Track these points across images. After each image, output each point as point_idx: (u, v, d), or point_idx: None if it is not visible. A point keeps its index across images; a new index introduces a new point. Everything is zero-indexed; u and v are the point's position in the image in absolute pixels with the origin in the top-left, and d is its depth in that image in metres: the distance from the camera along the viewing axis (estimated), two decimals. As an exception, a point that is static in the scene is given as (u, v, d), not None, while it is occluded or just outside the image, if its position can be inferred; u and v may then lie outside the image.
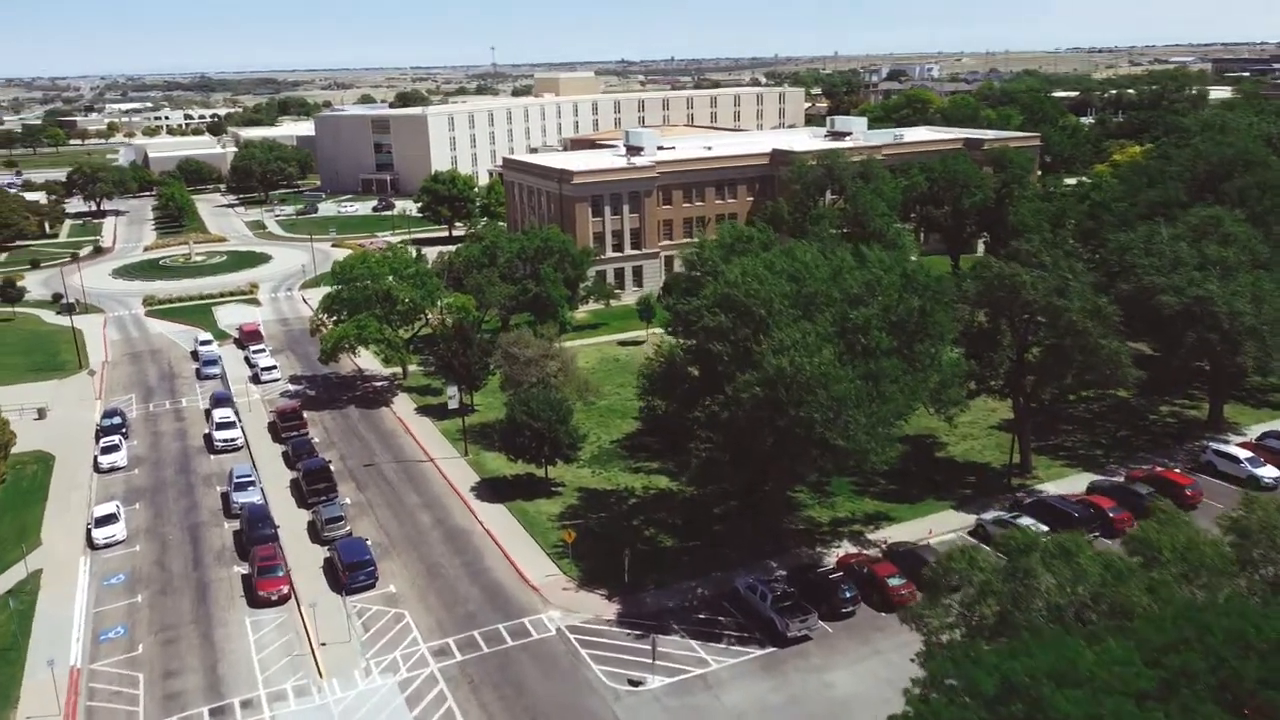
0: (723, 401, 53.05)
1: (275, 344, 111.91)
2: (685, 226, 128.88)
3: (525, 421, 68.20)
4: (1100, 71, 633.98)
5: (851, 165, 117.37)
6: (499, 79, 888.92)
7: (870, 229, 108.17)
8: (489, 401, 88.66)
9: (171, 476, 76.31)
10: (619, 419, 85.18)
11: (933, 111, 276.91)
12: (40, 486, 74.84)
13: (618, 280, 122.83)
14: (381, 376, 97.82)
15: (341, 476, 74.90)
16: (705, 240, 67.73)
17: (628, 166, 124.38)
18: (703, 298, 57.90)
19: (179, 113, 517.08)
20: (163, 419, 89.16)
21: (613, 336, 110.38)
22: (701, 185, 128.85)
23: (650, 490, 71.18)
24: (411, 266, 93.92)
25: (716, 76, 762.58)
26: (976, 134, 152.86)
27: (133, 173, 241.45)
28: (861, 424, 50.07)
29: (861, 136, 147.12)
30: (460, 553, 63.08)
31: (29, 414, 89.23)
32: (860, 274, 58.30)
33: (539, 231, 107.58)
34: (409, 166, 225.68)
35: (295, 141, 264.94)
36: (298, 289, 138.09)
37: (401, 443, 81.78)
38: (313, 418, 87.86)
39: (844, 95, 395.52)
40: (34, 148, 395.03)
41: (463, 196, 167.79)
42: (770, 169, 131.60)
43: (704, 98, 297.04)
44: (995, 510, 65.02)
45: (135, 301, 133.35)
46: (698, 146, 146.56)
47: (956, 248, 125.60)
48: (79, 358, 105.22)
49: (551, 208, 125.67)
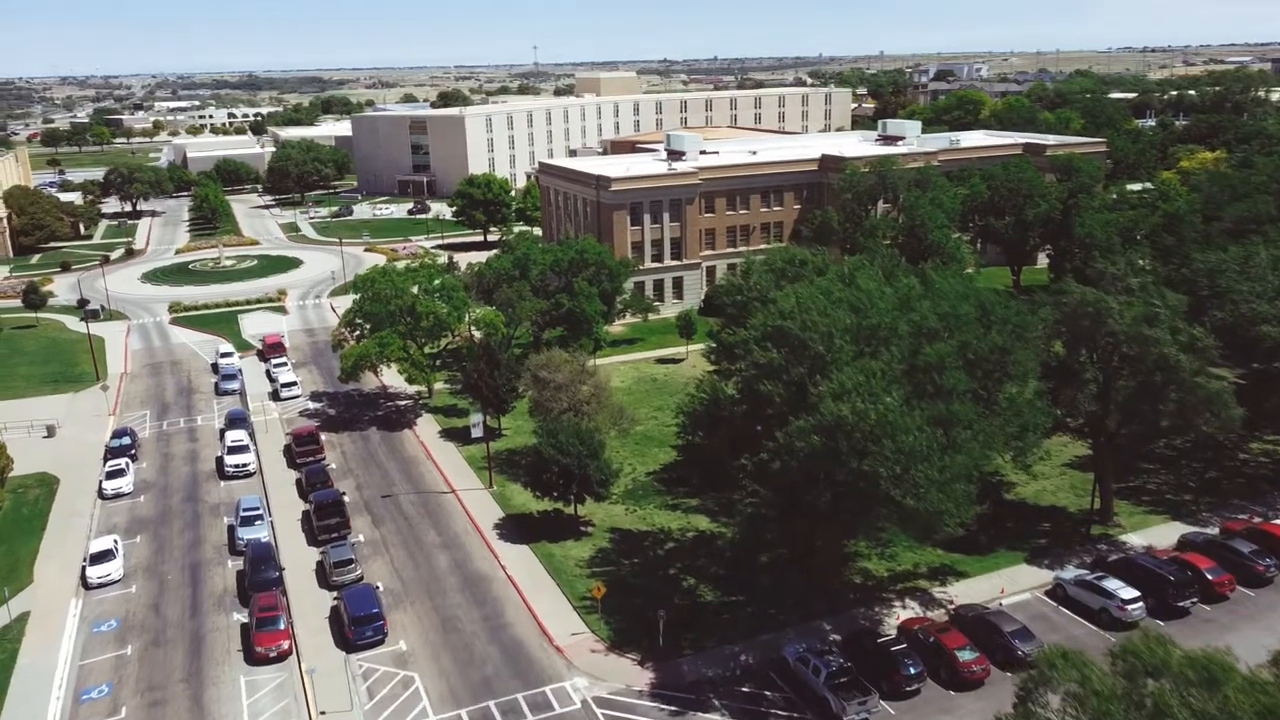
0: (773, 449, 46.79)
1: (299, 356, 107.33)
2: (728, 236, 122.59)
3: (552, 457, 62.42)
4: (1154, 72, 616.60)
5: (907, 173, 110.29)
6: (541, 78, 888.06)
7: (927, 241, 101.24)
8: (518, 425, 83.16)
9: (178, 505, 71.55)
10: (655, 447, 79.18)
11: (985, 114, 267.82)
12: (40, 514, 70.43)
13: (656, 292, 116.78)
14: (406, 395, 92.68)
15: (357, 509, 69.68)
16: (752, 262, 61.36)
17: (668, 172, 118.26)
18: (751, 328, 51.63)
19: (223, 111, 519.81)
20: (175, 439, 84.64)
21: (650, 353, 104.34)
22: (746, 192, 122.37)
23: (689, 532, 65.06)
24: (437, 279, 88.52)
25: (759, 76, 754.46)
26: (1037, 139, 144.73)
27: (170, 173, 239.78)
28: (934, 480, 43.57)
29: (915, 141, 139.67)
30: (479, 603, 57.42)
31: (38, 431, 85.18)
32: (930, 304, 51.68)
33: (574, 242, 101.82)
34: (446, 168, 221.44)
35: (334, 142, 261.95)
36: (326, 296, 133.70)
37: (423, 471, 76.39)
38: (331, 440, 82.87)
39: (890, 96, 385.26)
40: (79, 146, 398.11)
41: (498, 200, 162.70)
42: (819, 175, 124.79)
43: (748, 98, 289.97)
44: (1075, 567, 58.13)
45: (161, 308, 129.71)
46: (742, 151, 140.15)
47: (1019, 261, 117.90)
48: (95, 369, 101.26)
49: (588, 215, 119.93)
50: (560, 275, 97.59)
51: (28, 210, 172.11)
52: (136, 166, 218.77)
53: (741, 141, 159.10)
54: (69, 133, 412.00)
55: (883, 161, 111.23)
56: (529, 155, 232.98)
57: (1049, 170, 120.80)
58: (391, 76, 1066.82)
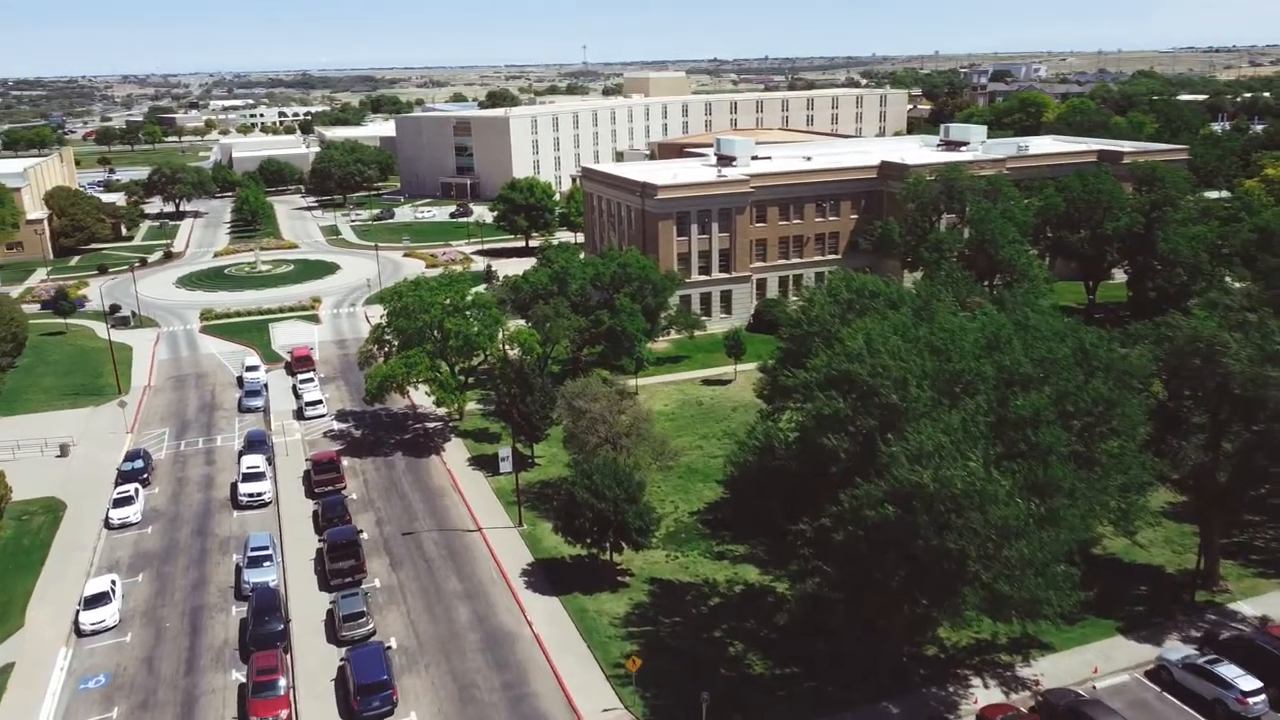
0: (836, 515, 40.23)
1: (328, 370, 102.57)
2: (780, 247, 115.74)
3: (586, 501, 56.37)
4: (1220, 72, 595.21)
5: (974, 182, 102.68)
6: (590, 78, 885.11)
7: (997, 258, 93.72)
8: (552, 453, 77.31)
9: (186, 539, 66.66)
10: (700, 482, 72.80)
11: (1049, 117, 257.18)
12: (41, 545, 65.96)
13: (704, 307, 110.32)
14: (435, 415, 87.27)
15: (375, 548, 64.25)
16: (815, 291, 54.42)
17: (718, 179, 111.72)
18: (812, 370, 45.02)
19: (274, 110, 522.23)
20: (192, 461, 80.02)
21: (696, 373, 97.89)
22: (800, 201, 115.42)
23: (736, 585, 58.63)
24: (469, 294, 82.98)
25: (810, 76, 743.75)
26: (1112, 145, 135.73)
27: (215, 173, 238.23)
28: (1031, 560, 36.73)
29: (980, 147, 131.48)
30: (501, 667, 51.51)
31: (51, 450, 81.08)
32: (1021, 344, 44.70)
33: (616, 254, 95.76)
34: (490, 170, 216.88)
35: (379, 142, 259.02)
36: (361, 304, 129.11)
37: (448, 504, 70.77)
38: (354, 466, 77.71)
39: (946, 97, 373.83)
40: (131, 145, 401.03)
41: (540, 206, 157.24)
42: (878, 184, 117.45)
43: (800, 99, 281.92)
44: (1179, 644, 50.76)
45: (193, 315, 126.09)
46: (796, 156, 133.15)
47: (1096, 277, 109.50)
48: (117, 382, 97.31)
49: (633, 223, 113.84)
50: (601, 290, 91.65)
51: (68, 211, 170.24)
52: (180, 166, 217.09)
53: (795, 146, 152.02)
54: (122, 131, 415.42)
55: (949, 170, 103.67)
56: (574, 158, 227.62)
57: (1127, 179, 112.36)
58: (442, 76, 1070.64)
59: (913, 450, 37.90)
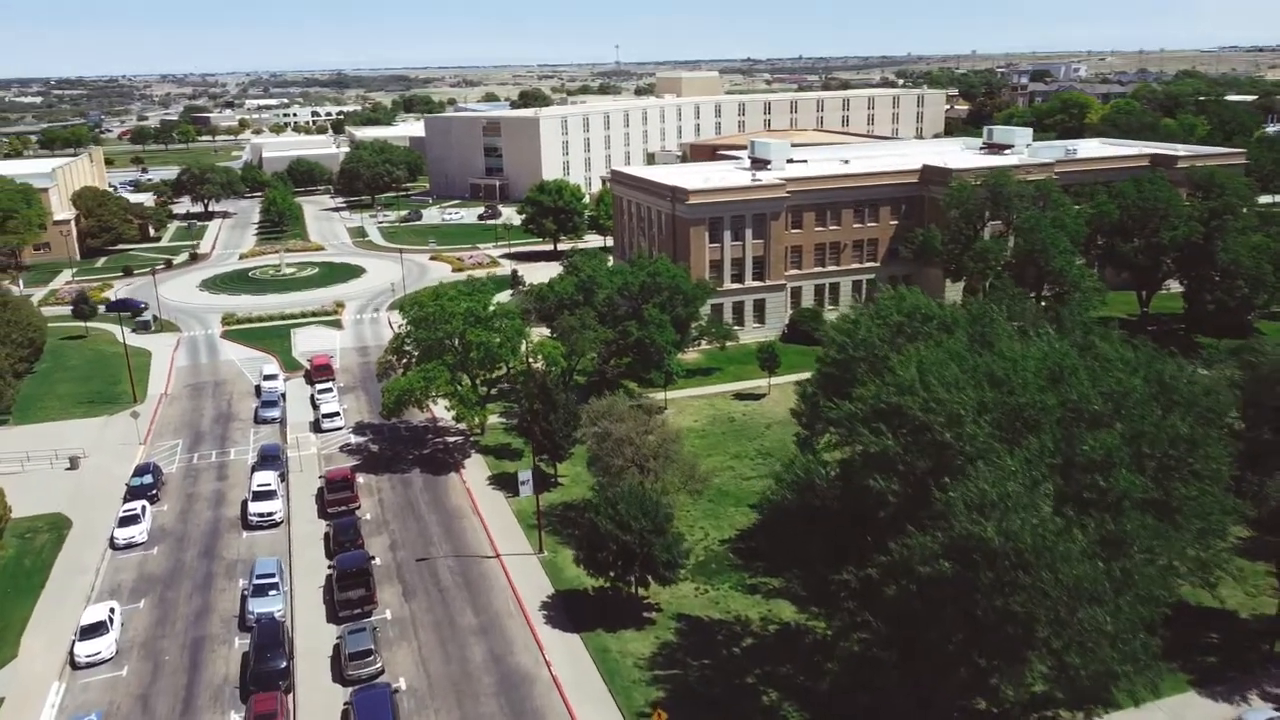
0: (885, 566, 36.17)
1: (348, 379, 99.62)
2: (816, 254, 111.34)
3: (610, 532, 52.62)
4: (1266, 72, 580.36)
5: (1023, 187, 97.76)
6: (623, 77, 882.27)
7: (1047, 269, 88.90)
8: (576, 471, 73.63)
9: (192, 561, 63.68)
10: (731, 506, 68.82)
11: (1093, 118, 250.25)
12: (43, 566, 63.27)
13: (736, 316, 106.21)
14: (456, 429, 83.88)
15: (387, 575, 60.90)
16: (859, 313, 50.04)
17: (752, 184, 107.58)
18: (858, 401, 40.92)
19: (307, 110, 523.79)
20: (204, 476, 77.19)
21: (728, 386, 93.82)
22: (837, 206, 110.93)
23: (771, 625, 54.62)
24: (491, 303, 79.50)
25: (845, 75, 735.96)
26: (1165, 149, 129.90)
27: (244, 173, 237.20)
28: (1107, 630, 32.48)
29: (1026, 150, 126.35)
30: (516, 714, 47.86)
31: (61, 463, 78.61)
32: (1088, 374, 40.34)
33: (645, 263, 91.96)
34: (519, 171, 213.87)
35: (408, 142, 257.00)
36: (385, 310, 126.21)
37: (466, 527, 67.29)
38: (370, 483, 74.50)
39: (985, 98, 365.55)
40: (165, 144, 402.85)
41: (569, 209, 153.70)
42: (919, 188, 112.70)
43: (835, 100, 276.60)
44: (1262, 704, 46.13)
45: (215, 319, 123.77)
46: (832, 159, 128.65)
47: (1150, 288, 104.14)
48: (133, 390, 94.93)
49: (663, 229, 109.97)
50: (629, 300, 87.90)
51: (95, 212, 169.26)
52: (209, 167, 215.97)
53: (831, 148, 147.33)
54: (156, 131, 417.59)
55: (996, 175, 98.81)
56: (605, 159, 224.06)
57: (1182, 185, 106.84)
58: (476, 75, 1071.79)
59: (974, 498, 33.76)
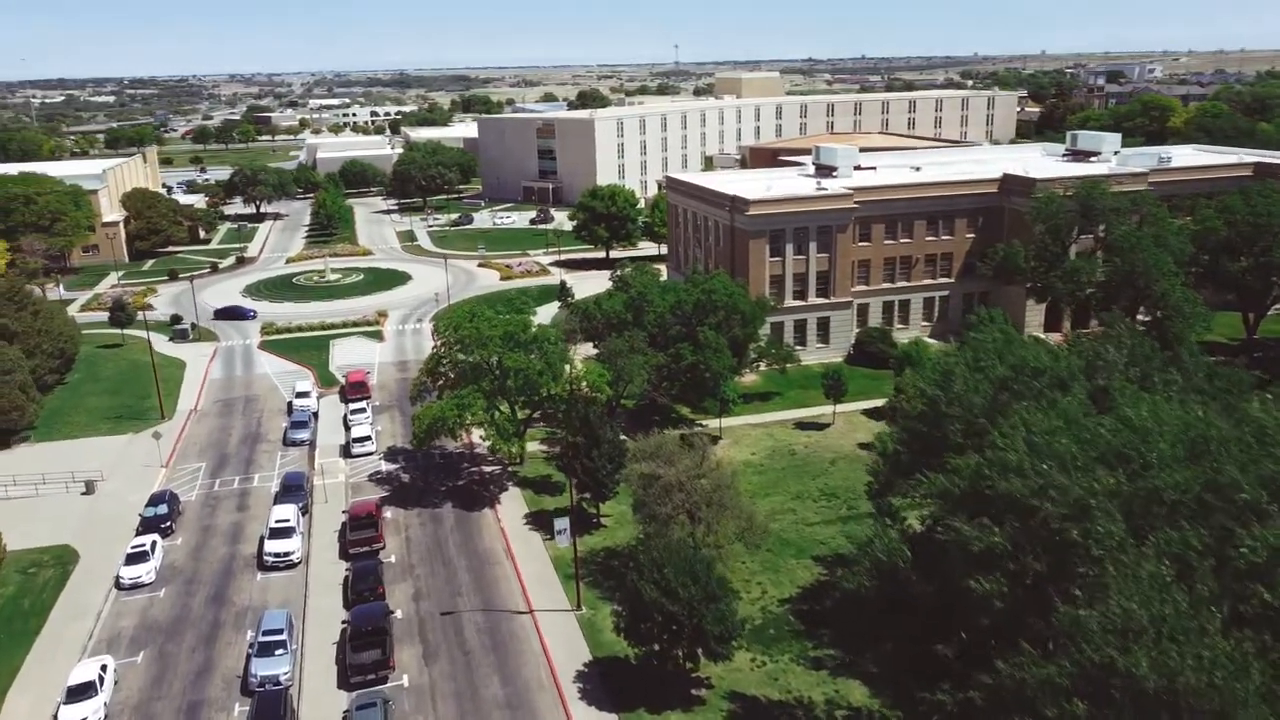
0: (991, 691, 28.97)
1: (384, 396, 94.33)
2: (885, 269, 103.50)
3: (655, 600, 45.98)
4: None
5: (1119, 200, 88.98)
6: (682, 77, 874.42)
7: (1147, 291, 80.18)
8: (621, 511, 66.95)
9: (199, 607, 58.40)
10: (793, 557, 61.74)
11: (1176, 122, 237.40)
12: (42, 608, 58.52)
13: (797, 335, 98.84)
14: (493, 458, 77.80)
15: (408, 631, 54.95)
16: (955, 362, 41.95)
17: (817, 193, 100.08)
18: (955, 476, 33.66)
19: (366, 110, 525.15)
20: (224, 505, 72.17)
21: (789, 413, 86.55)
22: (910, 218, 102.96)
23: (838, 710, 47.46)
24: (530, 325, 73.28)
25: (908, 76, 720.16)
26: (1269, 157, 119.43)
27: (298, 174, 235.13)
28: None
29: (1114, 158, 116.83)
30: (542, 815, 41.51)
31: (77, 487, 74.24)
32: (1237, 448, 32.63)
33: (701, 278, 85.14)
34: (573, 174, 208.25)
35: (462, 144, 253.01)
36: (429, 320, 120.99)
37: (498, 575, 61.11)
38: (398, 519, 68.77)
39: (1056, 99, 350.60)
40: (226, 144, 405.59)
41: (623, 215, 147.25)
42: (999, 199, 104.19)
43: (901, 101, 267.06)
44: None
45: (254, 328, 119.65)
46: (902, 166, 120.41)
47: (1257, 310, 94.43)
48: (161, 406, 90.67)
49: (720, 241, 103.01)
50: (682, 320, 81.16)
51: (144, 214, 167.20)
52: (261, 168, 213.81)
53: (899, 154, 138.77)
54: (217, 130, 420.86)
55: (1086, 186, 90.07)
56: (661, 162, 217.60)
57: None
58: (535, 75, 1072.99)
59: (1115, 620, 26.44)
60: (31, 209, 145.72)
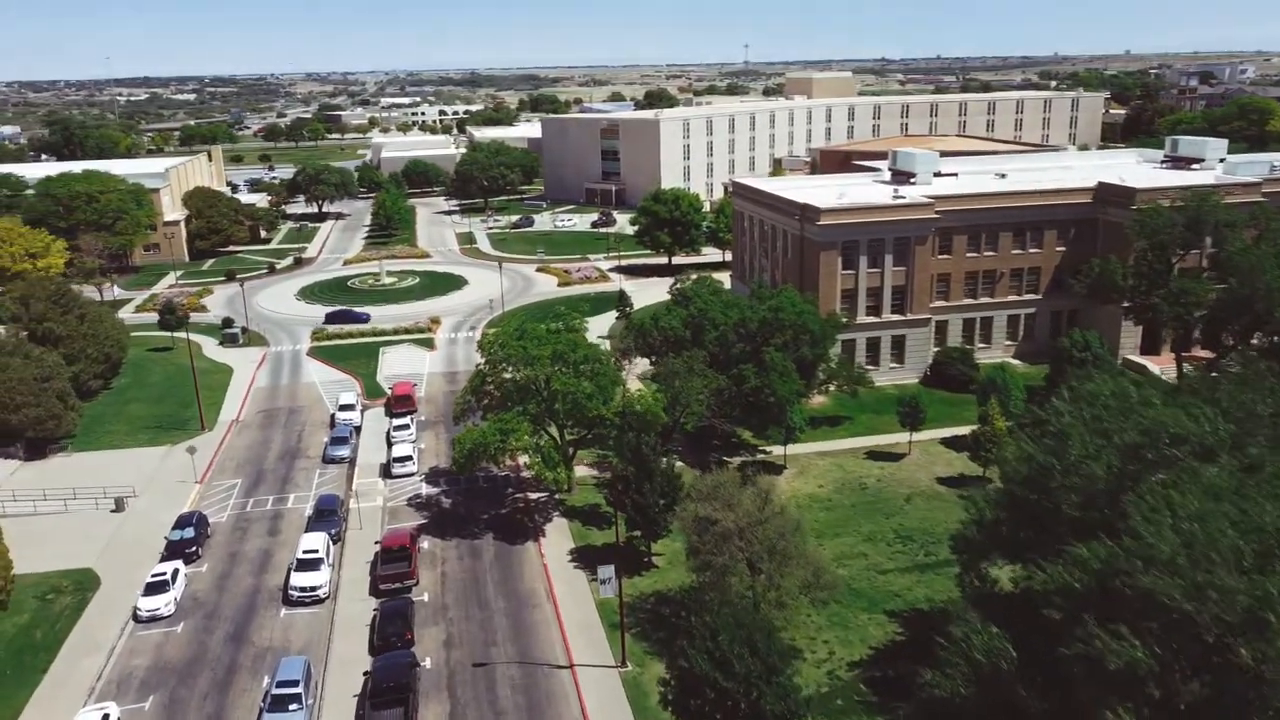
0: None
1: (430, 411, 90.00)
2: (966, 284, 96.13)
3: (708, 675, 40.21)
4: None
5: (1234, 214, 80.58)
6: (751, 77, 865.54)
7: (1267, 316, 71.90)
8: (675, 550, 61.23)
9: (217, 647, 54.20)
10: (863, 612, 55.42)
11: (1278, 126, 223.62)
12: (55, 641, 54.93)
13: (870, 353, 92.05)
14: (541, 484, 72.60)
15: (435, 685, 49.98)
16: (1071, 424, 34.32)
17: (894, 202, 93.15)
18: (1077, 564, 27.28)
19: (435, 109, 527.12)
20: (255, 529, 68.22)
21: (859, 441, 79.93)
22: (994, 229, 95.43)
23: (916, 805, 41.19)
24: (583, 348, 67.88)
25: (984, 76, 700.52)
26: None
27: (362, 173, 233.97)
28: None
29: (1219, 166, 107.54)
30: None
31: (106, 504, 70.99)
32: None
33: (767, 294, 79.05)
34: (637, 176, 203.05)
35: (526, 144, 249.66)
36: (481, 328, 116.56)
37: (538, 620, 55.87)
38: (434, 550, 64.02)
39: (1143, 101, 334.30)
40: (295, 141, 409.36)
41: (686, 220, 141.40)
42: (1093, 210, 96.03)
43: (979, 103, 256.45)
44: None
45: (306, 333, 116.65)
46: (985, 173, 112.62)
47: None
48: (201, 416, 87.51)
49: (789, 251, 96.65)
50: (746, 338, 75.16)
51: (205, 213, 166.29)
52: (323, 167, 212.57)
53: (980, 159, 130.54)
54: (288, 128, 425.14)
55: (1198, 198, 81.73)
56: (728, 164, 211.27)
57: None
58: (604, 75, 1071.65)
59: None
60: (94, 207, 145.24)
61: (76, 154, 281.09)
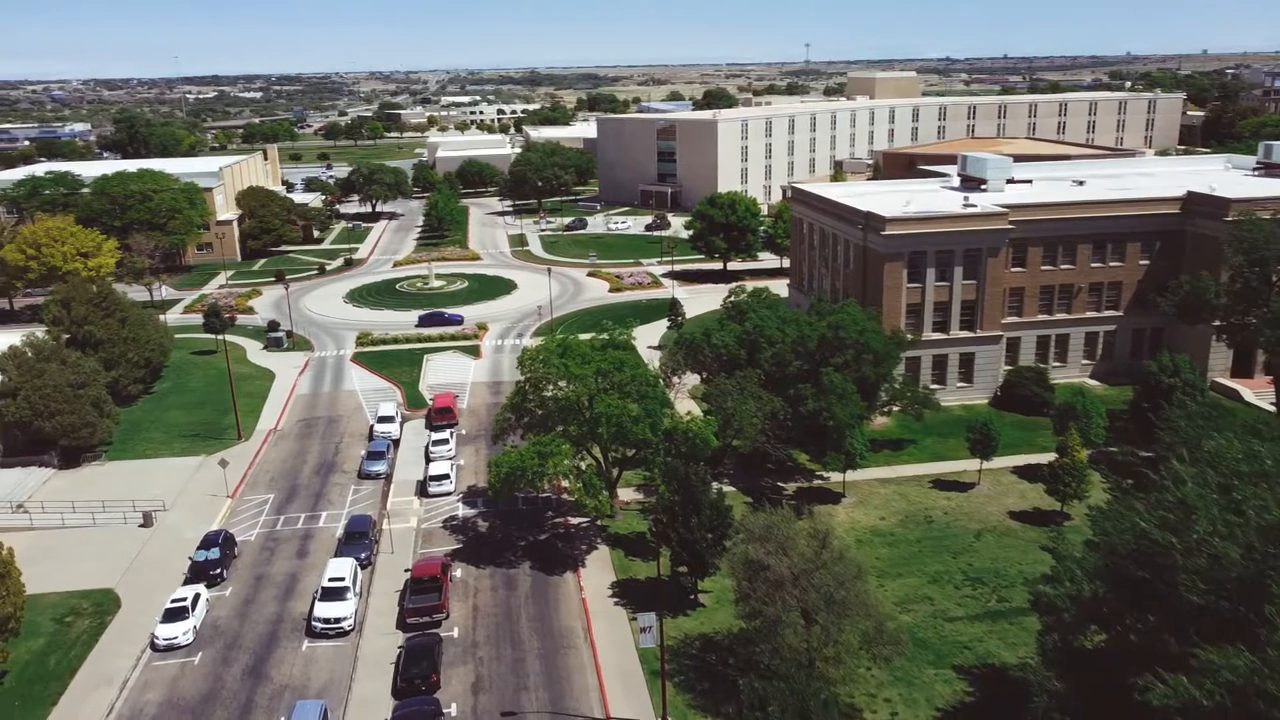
0: None
1: (472, 424, 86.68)
2: (1041, 299, 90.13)
3: (756, 751, 35.84)
4: None
5: (1341, 229, 73.72)
6: (811, 76, 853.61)
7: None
8: (724, 588, 56.81)
9: (234, 682, 51.11)
10: (930, 665, 50.48)
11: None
12: (69, 669, 52.37)
13: (936, 372, 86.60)
14: (583, 509, 68.62)
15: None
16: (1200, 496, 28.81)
17: (965, 211, 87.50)
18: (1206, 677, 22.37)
19: (493, 108, 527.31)
20: (283, 549, 65.29)
21: (925, 467, 74.69)
22: (1072, 241, 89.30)
23: None
24: (629, 369, 63.70)
25: (1051, 76, 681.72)
26: None
27: (417, 173, 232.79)
28: None
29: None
30: None
31: (135, 518, 68.66)
32: None
33: (828, 309, 74.17)
34: (693, 178, 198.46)
35: (581, 144, 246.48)
36: (529, 336, 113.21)
37: (573, 665, 51.87)
38: (467, 579, 60.40)
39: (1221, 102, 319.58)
40: (355, 140, 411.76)
41: (743, 225, 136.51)
42: (1181, 221, 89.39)
43: (1050, 104, 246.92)
44: None
45: (351, 338, 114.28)
46: (1062, 179, 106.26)
47: None
48: (238, 426, 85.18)
49: (851, 262, 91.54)
50: (804, 358, 70.38)
51: (258, 213, 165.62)
52: (378, 166, 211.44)
53: (1055, 164, 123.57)
54: (348, 126, 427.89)
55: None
56: (787, 166, 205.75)
57: None
58: (664, 74, 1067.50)
59: None
60: (147, 206, 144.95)
61: (140, 152, 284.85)
